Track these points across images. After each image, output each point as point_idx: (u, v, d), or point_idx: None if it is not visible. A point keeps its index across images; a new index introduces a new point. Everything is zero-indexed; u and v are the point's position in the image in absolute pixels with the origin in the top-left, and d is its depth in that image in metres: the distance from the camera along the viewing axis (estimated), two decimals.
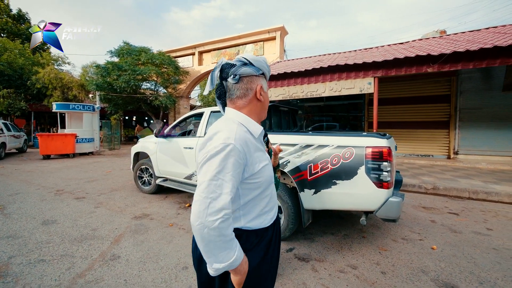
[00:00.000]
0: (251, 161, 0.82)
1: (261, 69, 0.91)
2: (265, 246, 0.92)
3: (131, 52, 12.09)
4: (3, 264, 2.18)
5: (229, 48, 13.08)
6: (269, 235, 0.93)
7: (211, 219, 0.69)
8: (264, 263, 0.91)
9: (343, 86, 5.78)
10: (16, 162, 8.51)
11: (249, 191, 0.84)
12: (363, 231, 2.96)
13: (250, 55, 0.91)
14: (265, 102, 0.96)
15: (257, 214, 0.88)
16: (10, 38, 16.41)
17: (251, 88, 0.89)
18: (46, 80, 13.46)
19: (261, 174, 0.85)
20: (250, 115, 0.90)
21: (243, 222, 0.85)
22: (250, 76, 0.88)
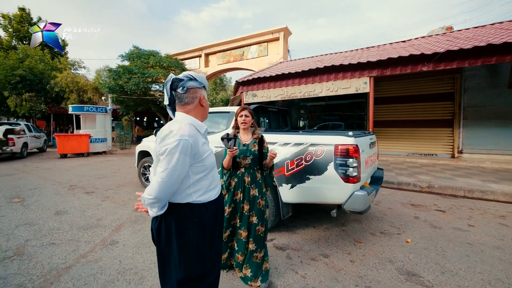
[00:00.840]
0: (199, 151, 1.09)
1: (202, 82, 1.16)
2: (214, 217, 1.19)
3: (141, 56, 12.67)
4: (21, 246, 2.55)
5: (234, 50, 13.37)
6: (214, 207, 1.19)
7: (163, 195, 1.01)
8: (216, 224, 1.20)
9: (340, 86, 5.88)
10: (36, 160, 9.22)
11: (197, 173, 1.11)
12: (345, 225, 3.12)
13: (194, 72, 1.17)
14: (207, 107, 1.22)
15: (204, 191, 1.13)
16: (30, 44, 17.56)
17: (196, 97, 1.15)
18: (63, 84, 14.34)
19: (205, 161, 1.12)
20: (196, 117, 1.17)
21: (194, 197, 1.11)
22: (195, 88, 1.14)
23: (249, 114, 1.97)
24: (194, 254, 1.10)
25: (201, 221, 1.12)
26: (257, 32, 12.19)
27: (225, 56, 13.79)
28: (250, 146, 1.95)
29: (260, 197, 1.94)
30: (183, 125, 1.08)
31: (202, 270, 1.14)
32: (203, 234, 1.12)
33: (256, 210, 1.93)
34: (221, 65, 13.99)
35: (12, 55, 15.30)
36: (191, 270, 1.10)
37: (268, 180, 2.04)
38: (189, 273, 1.10)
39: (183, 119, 1.14)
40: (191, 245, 1.09)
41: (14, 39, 19.18)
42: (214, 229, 1.19)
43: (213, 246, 1.19)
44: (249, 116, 1.97)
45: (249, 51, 12.86)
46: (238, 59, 13.29)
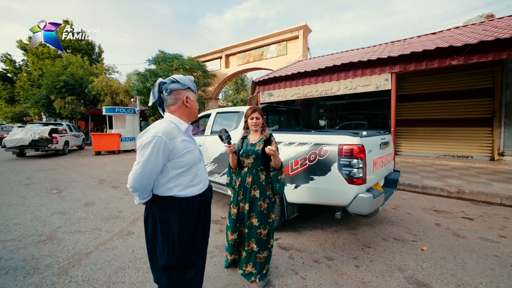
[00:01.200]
0: (176, 147, 1.16)
1: (186, 84, 1.22)
2: (197, 211, 1.25)
3: (166, 59, 13.39)
4: (53, 231, 2.89)
5: (254, 50, 13.46)
6: (197, 202, 1.25)
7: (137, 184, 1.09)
8: (199, 220, 1.27)
9: (358, 84, 5.62)
10: (75, 157, 10.27)
11: (176, 168, 1.18)
12: (355, 229, 2.99)
13: (179, 75, 1.24)
14: (192, 108, 1.28)
15: (185, 185, 1.19)
16: (73, 53, 19.56)
17: (179, 98, 1.22)
18: (99, 88, 15.74)
19: (184, 157, 1.19)
20: (180, 117, 1.24)
21: (175, 191, 1.18)
22: (177, 89, 1.20)
23: (260, 116, 1.94)
24: (176, 245, 1.18)
25: (183, 215, 1.18)
26: (276, 32, 12.12)
27: (244, 57, 13.95)
28: (255, 145, 1.92)
29: (262, 199, 1.89)
30: (161, 124, 1.18)
31: (184, 261, 1.21)
32: (184, 228, 1.19)
33: (256, 212, 1.89)
34: (241, 65, 14.18)
35: (57, 63, 17.21)
36: (173, 259, 1.18)
37: (275, 183, 1.91)
38: (171, 262, 1.18)
39: (166, 118, 1.23)
40: (173, 237, 1.17)
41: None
42: (197, 225, 1.25)
43: (195, 240, 1.25)
44: (260, 118, 1.94)
45: (268, 50, 12.85)
46: (257, 59, 13.36)
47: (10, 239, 2.68)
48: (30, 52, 21.64)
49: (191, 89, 1.29)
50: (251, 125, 1.94)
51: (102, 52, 23.50)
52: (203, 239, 1.32)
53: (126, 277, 2.03)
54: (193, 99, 1.30)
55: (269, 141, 1.94)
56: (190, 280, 1.24)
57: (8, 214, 3.43)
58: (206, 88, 15.28)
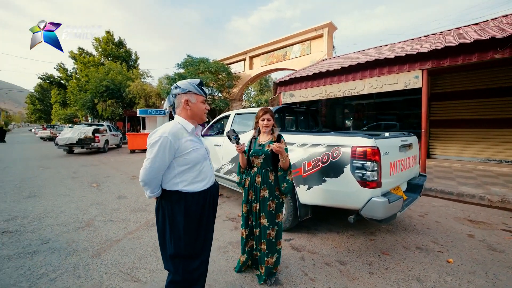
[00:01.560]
0: (181, 146, 1.28)
1: (186, 88, 1.33)
2: (201, 206, 1.36)
3: (193, 63, 14.07)
4: (90, 219, 3.28)
5: (277, 51, 13.45)
6: (202, 197, 1.35)
7: (146, 178, 1.22)
8: (203, 214, 1.37)
9: (385, 82, 5.31)
10: (113, 154, 11.34)
11: (181, 165, 1.30)
12: (374, 235, 2.87)
13: (182, 81, 1.35)
14: (194, 109, 1.38)
15: (190, 181, 1.30)
16: (113, 60, 21.59)
17: (181, 101, 1.35)
18: (134, 91, 17.14)
19: (189, 156, 1.30)
20: (185, 118, 1.37)
21: (180, 186, 1.29)
22: (180, 94, 1.33)
23: (270, 117, 1.98)
24: (182, 236, 1.29)
25: (187, 209, 1.29)
26: (300, 31, 11.95)
27: (268, 58, 14.01)
28: (265, 146, 1.96)
29: (270, 200, 1.92)
30: (169, 124, 1.31)
31: (189, 251, 1.32)
32: (188, 221, 1.30)
33: (266, 212, 1.92)
34: (264, 66, 14.27)
35: (100, 69, 19.16)
36: (179, 249, 1.30)
37: (282, 183, 1.92)
38: (177, 251, 1.30)
39: (175, 120, 1.36)
40: (179, 229, 1.29)
41: (102, 57, 23.95)
42: (201, 219, 1.35)
43: (199, 233, 1.35)
44: (271, 119, 1.98)
45: (291, 50, 12.74)
46: (280, 59, 13.32)
47: (57, 224, 3.12)
48: (78, 60, 24.47)
49: (192, 92, 1.37)
50: (262, 126, 1.98)
51: (138, 59, 25.54)
52: (207, 232, 1.42)
53: (147, 264, 2.23)
54: (195, 101, 1.37)
55: (279, 142, 1.97)
56: (194, 269, 1.35)
57: (57, 203, 3.97)
58: (230, 90, 15.69)
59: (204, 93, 1.43)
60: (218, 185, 1.59)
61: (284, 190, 1.94)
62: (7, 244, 2.59)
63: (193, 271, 1.35)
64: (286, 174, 1.95)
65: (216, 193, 1.51)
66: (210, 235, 1.47)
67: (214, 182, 1.50)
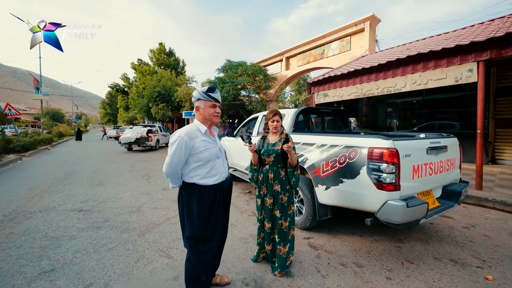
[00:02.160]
0: (195, 145, 1.54)
1: (196, 97, 1.59)
2: (213, 198, 1.59)
3: (231, 67, 14.86)
4: (140, 206, 3.92)
5: (314, 50, 13.15)
6: (213, 190, 1.59)
7: (167, 171, 1.50)
8: (214, 205, 1.61)
9: (430, 78, 4.78)
10: (162, 152, 12.82)
11: (195, 162, 1.56)
12: (402, 242, 2.71)
13: (196, 91, 1.60)
14: (203, 113, 1.64)
15: (203, 176, 1.55)
16: (164, 69, 24.23)
17: (195, 108, 1.60)
18: (181, 96, 18.94)
19: (202, 154, 1.56)
20: (199, 120, 1.63)
21: (195, 179, 1.56)
22: (194, 102, 1.60)
23: (279, 119, 2.16)
24: (195, 222, 1.55)
25: (200, 199, 1.55)
26: (338, 27, 11.44)
27: (305, 57, 13.81)
28: (275, 145, 2.14)
29: (282, 193, 2.09)
30: (186, 127, 1.60)
31: (201, 235, 1.57)
32: (200, 209, 1.55)
33: (278, 205, 2.10)
34: (300, 66, 14.12)
35: (154, 77, 21.77)
36: (193, 231, 1.56)
37: (291, 179, 2.10)
38: (192, 233, 1.56)
39: (193, 123, 1.64)
40: (193, 215, 1.55)
41: (156, 66, 27.12)
42: (211, 209, 1.59)
43: (210, 220, 1.59)
44: (279, 121, 2.16)
45: (329, 48, 12.29)
46: (318, 58, 12.98)
47: (116, 207, 3.84)
48: (137, 70, 28.25)
49: (201, 99, 1.61)
50: (271, 127, 2.16)
51: (185, 65, 28.09)
52: (217, 221, 1.64)
53: (179, 246, 2.61)
54: (204, 107, 1.61)
55: (287, 141, 2.12)
56: (206, 252, 1.60)
57: (117, 191, 4.82)
58: (267, 91, 15.98)
59: (212, 98, 1.63)
60: (231, 181, 1.82)
61: (293, 184, 2.11)
62: (81, 220, 3.34)
63: (205, 252, 1.60)
64: (294, 170, 2.09)
65: (228, 187, 1.74)
66: (221, 224, 1.69)
67: (226, 178, 1.73)
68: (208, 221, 1.60)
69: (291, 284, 1.98)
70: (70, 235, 2.86)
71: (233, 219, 3.32)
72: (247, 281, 2.03)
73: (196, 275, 1.62)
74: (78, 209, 3.77)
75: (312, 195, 2.77)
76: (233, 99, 15.48)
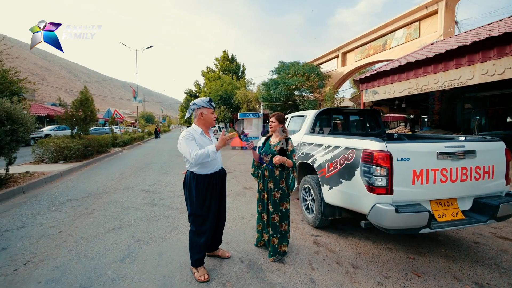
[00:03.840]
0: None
1: (199, 104, 2.03)
2: (207, 184, 2.03)
3: (284, 68, 15.13)
4: None
5: (374, 41, 11.90)
6: (207, 178, 2.03)
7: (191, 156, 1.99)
8: (208, 190, 2.05)
9: (509, 65, 3.81)
10: None
11: None
12: (420, 255, 2.46)
13: (198, 99, 2.06)
14: (206, 118, 2.08)
15: (200, 167, 2.02)
16: (227, 74, 26.69)
17: (197, 114, 2.07)
18: (239, 98, 20.56)
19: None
20: (199, 125, 2.09)
21: (194, 169, 2.04)
22: (195, 109, 2.05)
23: (275, 120, 2.43)
24: (194, 201, 2.02)
25: (197, 185, 2.01)
26: (404, 13, 9.98)
27: (364, 51, 12.65)
28: (273, 146, 2.40)
29: (275, 190, 2.31)
30: (190, 128, 2.10)
31: (199, 212, 2.02)
32: (197, 192, 2.00)
33: (271, 201, 2.34)
34: (359, 61, 13.02)
35: (217, 83, 24.36)
36: (193, 209, 2.04)
37: (288, 180, 2.31)
38: (191, 211, 2.05)
39: (193, 125, 2.12)
40: (192, 197, 2.02)
41: (220, 72, 30.18)
42: (206, 193, 2.02)
43: (205, 202, 2.03)
44: (275, 122, 2.43)
45: (393, 38, 10.86)
46: (379, 50, 11.67)
47: (170, 191, 4.85)
48: (205, 77, 32.14)
49: (204, 107, 2.07)
50: (269, 127, 2.43)
51: (245, 70, 30.13)
52: (211, 202, 2.07)
53: None
54: (206, 113, 2.09)
55: (287, 144, 2.34)
56: (202, 224, 2.06)
57: (175, 179, 5.98)
58: (321, 90, 15.46)
59: (212, 106, 2.12)
60: (223, 172, 2.23)
61: (289, 186, 2.31)
62: (146, 197, 4.44)
63: (201, 224, 2.07)
64: (290, 172, 2.30)
65: (220, 177, 2.16)
66: (214, 205, 2.11)
67: (219, 169, 2.15)
68: (204, 202, 2.06)
69: (279, 269, 2.23)
70: (135, 207, 3.92)
71: (253, 211, 3.71)
72: (244, 259, 2.40)
73: (195, 242, 2.11)
74: (146, 190, 4.98)
75: (320, 195, 2.85)
76: (286, 99, 15.73)
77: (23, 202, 4.21)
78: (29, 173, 5.93)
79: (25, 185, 4.96)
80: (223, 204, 2.30)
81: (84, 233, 2.98)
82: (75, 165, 7.30)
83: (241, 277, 2.11)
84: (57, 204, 4.07)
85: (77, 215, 3.59)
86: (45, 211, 3.76)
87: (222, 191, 2.24)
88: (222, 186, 2.24)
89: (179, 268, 2.25)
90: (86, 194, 4.65)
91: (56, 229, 3.09)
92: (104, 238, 2.86)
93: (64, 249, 2.61)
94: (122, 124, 26.95)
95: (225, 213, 2.36)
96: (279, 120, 2.44)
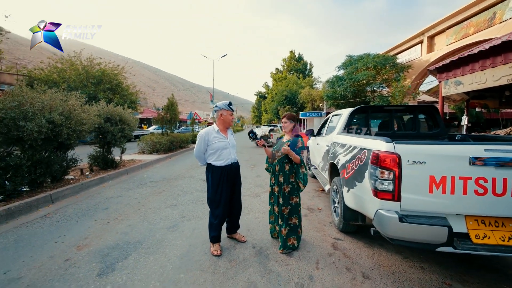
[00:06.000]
0: (210, 139, 2.43)
1: (220, 107, 2.42)
2: (219, 174, 2.42)
3: (352, 63, 13.79)
4: None
5: (476, 16, 9.23)
6: (220, 169, 2.41)
7: (195, 155, 2.51)
8: (220, 179, 2.43)
9: None
10: None
11: (210, 150, 2.44)
12: (464, 283, 2.01)
13: (219, 102, 2.45)
14: (225, 119, 2.46)
15: (214, 159, 2.42)
16: (293, 74, 26.70)
17: (218, 115, 2.47)
18: (304, 97, 20.25)
19: (213, 145, 2.41)
20: (219, 125, 2.48)
21: (211, 161, 2.46)
22: (217, 110, 2.45)
23: (287, 120, 2.58)
24: (209, 187, 2.43)
25: (213, 174, 2.40)
26: None
27: (459, 30, 9.99)
28: (285, 144, 2.54)
29: (285, 184, 2.46)
30: (207, 127, 2.48)
31: (213, 198, 2.42)
32: (212, 180, 2.40)
33: (281, 194, 2.49)
34: (452, 44, 10.39)
35: (283, 83, 24.78)
36: (209, 194, 2.46)
37: (298, 174, 2.43)
38: (209, 195, 2.47)
39: (213, 124, 2.51)
40: (209, 184, 2.44)
41: (287, 72, 30.47)
42: (218, 183, 2.39)
43: (218, 189, 2.40)
44: (287, 122, 2.57)
45: (506, 8, 8.10)
46: (483, 27, 8.94)
47: None
48: (273, 78, 33.20)
49: (224, 109, 2.45)
50: (282, 127, 2.57)
51: (312, 67, 29.23)
52: (223, 190, 2.43)
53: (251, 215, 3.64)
54: (226, 114, 2.47)
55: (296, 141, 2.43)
56: (217, 208, 2.45)
57: None
58: (398, 84, 13.24)
59: (231, 109, 2.50)
60: (236, 165, 2.54)
61: (301, 180, 2.43)
62: (201, 185, 5.31)
63: (216, 208, 2.47)
64: (299, 167, 2.40)
65: (232, 169, 2.48)
66: (226, 193, 2.45)
67: (232, 162, 2.48)
68: (217, 190, 2.45)
69: (284, 260, 2.37)
70: (191, 192, 4.80)
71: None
72: (256, 246, 2.65)
73: (211, 222, 2.53)
74: (202, 179, 5.92)
75: (342, 197, 2.74)
76: (354, 96, 14.37)
77: (125, 180, 5.89)
78: (133, 160, 8.12)
79: (129, 168, 6.88)
80: (236, 194, 2.62)
81: (152, 206, 3.98)
82: (162, 156, 9.38)
83: (247, 259, 2.38)
84: (143, 184, 5.49)
85: (152, 192, 4.77)
86: (135, 187, 5.17)
87: (235, 183, 2.58)
88: (235, 178, 2.57)
89: (202, 241, 2.75)
90: (163, 178, 6.00)
91: (137, 201, 4.26)
92: (162, 211, 3.75)
93: (137, 214, 3.62)
94: (201, 124, 31.69)
95: (239, 202, 2.68)
96: (291, 120, 2.55)
